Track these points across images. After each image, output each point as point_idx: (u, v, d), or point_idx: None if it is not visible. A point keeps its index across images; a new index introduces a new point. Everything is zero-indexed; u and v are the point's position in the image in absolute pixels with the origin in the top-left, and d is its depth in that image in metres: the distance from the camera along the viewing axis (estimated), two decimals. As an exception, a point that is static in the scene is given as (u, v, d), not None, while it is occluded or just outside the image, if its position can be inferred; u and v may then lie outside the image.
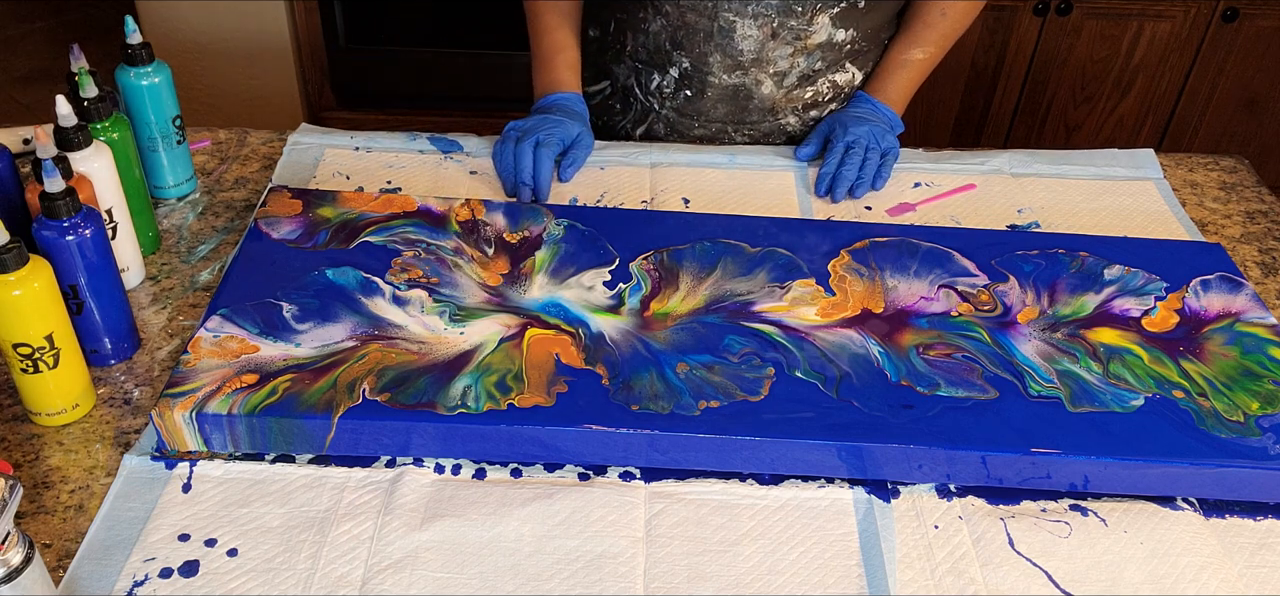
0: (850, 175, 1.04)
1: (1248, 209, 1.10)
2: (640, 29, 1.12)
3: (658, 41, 1.12)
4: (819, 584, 0.68)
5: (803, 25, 1.08)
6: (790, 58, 1.10)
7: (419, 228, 0.92)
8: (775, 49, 1.09)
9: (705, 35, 1.09)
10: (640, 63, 1.15)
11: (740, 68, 1.11)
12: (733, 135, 1.17)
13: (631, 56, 1.15)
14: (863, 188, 1.05)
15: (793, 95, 1.14)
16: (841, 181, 1.04)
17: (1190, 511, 0.74)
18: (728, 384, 0.77)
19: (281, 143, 1.12)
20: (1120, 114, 2.18)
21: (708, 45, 1.09)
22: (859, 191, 1.05)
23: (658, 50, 1.13)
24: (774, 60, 1.10)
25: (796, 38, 1.09)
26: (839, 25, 1.10)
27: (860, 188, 1.05)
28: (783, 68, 1.11)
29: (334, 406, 0.73)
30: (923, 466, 0.74)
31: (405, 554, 0.68)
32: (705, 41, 1.09)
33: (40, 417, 0.76)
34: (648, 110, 1.17)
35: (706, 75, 1.12)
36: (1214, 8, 2.03)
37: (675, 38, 1.10)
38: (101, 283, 0.78)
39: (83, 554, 0.68)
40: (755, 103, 1.14)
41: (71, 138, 0.81)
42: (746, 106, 1.14)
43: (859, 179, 1.04)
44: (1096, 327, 0.86)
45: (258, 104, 2.32)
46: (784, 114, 1.15)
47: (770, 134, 1.17)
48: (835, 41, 1.11)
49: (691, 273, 0.89)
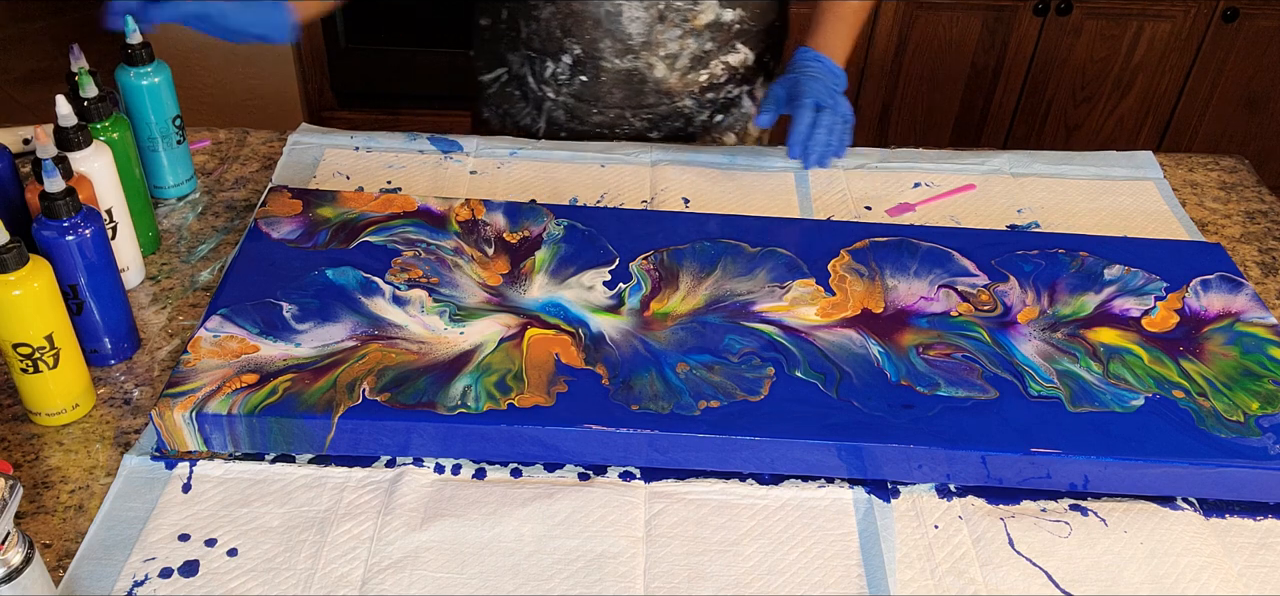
0: (823, 139, 1.03)
1: (1248, 209, 1.10)
2: (532, 17, 1.12)
3: (549, 29, 1.11)
4: (819, 584, 0.68)
5: (688, 6, 1.08)
6: (680, 40, 1.10)
7: (419, 228, 0.92)
8: (664, 31, 1.09)
9: (594, 21, 1.09)
10: (533, 51, 1.14)
11: (631, 51, 1.11)
12: (631, 120, 1.16)
13: (525, 44, 1.14)
14: (830, 156, 1.04)
15: (687, 79, 1.14)
16: (816, 146, 1.03)
17: (1190, 511, 0.74)
18: (728, 384, 0.77)
19: (281, 143, 1.12)
20: (1120, 114, 2.18)
21: (597, 31, 1.09)
22: (827, 161, 1.04)
23: (549, 38, 1.12)
24: (664, 43, 1.10)
25: (684, 19, 1.09)
26: (726, 5, 1.10)
27: (828, 158, 1.04)
28: (673, 50, 1.11)
29: (334, 406, 0.73)
30: (923, 466, 0.74)
31: (405, 554, 0.68)
32: (594, 27, 1.09)
33: (40, 417, 0.76)
34: (543, 98, 1.17)
35: (599, 61, 1.11)
36: (1214, 8, 2.03)
37: (565, 24, 1.10)
38: (101, 282, 0.78)
39: (83, 554, 0.68)
40: (650, 86, 1.13)
41: (71, 138, 0.81)
42: (642, 90, 1.14)
43: (827, 145, 1.04)
44: (1096, 327, 0.86)
45: (258, 104, 2.32)
46: (680, 97, 1.15)
47: (669, 117, 1.17)
48: (723, 22, 1.11)
49: (691, 272, 0.89)
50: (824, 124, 1.04)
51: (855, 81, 2.15)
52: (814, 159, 1.04)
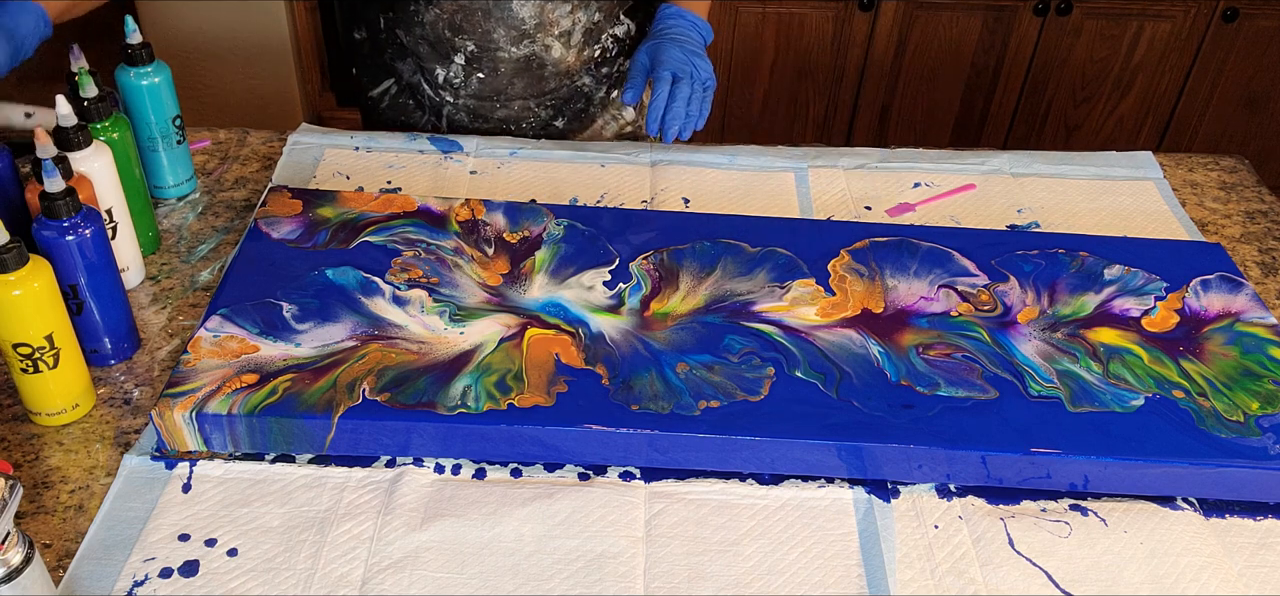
0: (681, 112, 1.03)
1: (1248, 209, 1.10)
2: (414, 22, 1.10)
3: (436, 31, 1.09)
4: (819, 584, 0.68)
5: None
6: (571, 15, 1.09)
7: (419, 228, 0.92)
8: (555, 9, 1.08)
9: (484, 12, 1.07)
10: (422, 57, 1.12)
11: (526, 35, 1.10)
12: (536, 109, 1.15)
13: (411, 51, 1.12)
14: (690, 127, 1.04)
15: (583, 55, 1.13)
16: (674, 119, 1.03)
17: (1190, 511, 0.74)
18: (728, 384, 0.77)
19: (281, 143, 1.12)
20: (1120, 114, 2.18)
21: (489, 22, 1.08)
22: (687, 133, 1.04)
23: (438, 40, 1.10)
24: (556, 21, 1.09)
25: None
26: None
27: (687, 129, 1.04)
28: (566, 27, 1.10)
29: (334, 406, 0.73)
30: (923, 466, 0.74)
31: (405, 554, 0.68)
32: (485, 19, 1.08)
33: (40, 417, 0.76)
34: (442, 104, 1.15)
35: (495, 52, 1.10)
36: (1214, 8, 2.03)
37: (454, 22, 1.08)
38: (101, 282, 0.78)
39: (83, 554, 0.68)
40: (550, 69, 1.13)
41: (71, 138, 0.81)
42: (541, 74, 1.13)
43: (687, 116, 1.03)
44: (1096, 327, 0.86)
45: (258, 104, 2.32)
46: (579, 76, 1.15)
47: (570, 99, 1.16)
48: None
49: (691, 272, 0.89)
50: (681, 96, 1.03)
51: (855, 81, 2.15)
52: (672, 133, 1.03)
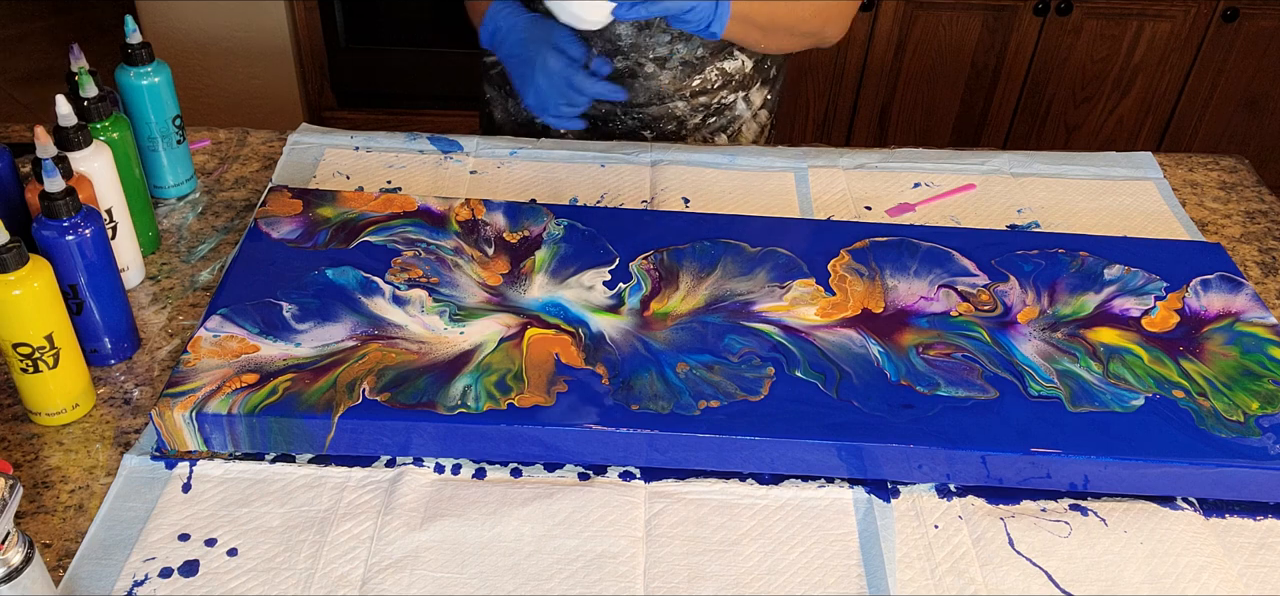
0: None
1: (1248, 209, 1.10)
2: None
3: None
4: (819, 584, 0.68)
5: None
6: (669, 45, 1.10)
7: (419, 227, 0.92)
8: (651, 36, 1.09)
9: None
10: None
11: (620, 52, 1.10)
12: (623, 118, 1.16)
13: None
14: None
15: (681, 83, 1.13)
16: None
17: (1190, 511, 0.74)
18: (728, 384, 0.77)
19: (281, 143, 1.12)
20: (1120, 114, 2.19)
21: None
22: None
23: None
24: (652, 46, 1.10)
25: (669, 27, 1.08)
26: None
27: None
28: (662, 53, 1.10)
29: (334, 406, 0.73)
30: (923, 466, 0.74)
31: (405, 553, 0.68)
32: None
33: (40, 417, 0.76)
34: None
35: None
36: (1214, 8, 2.03)
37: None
38: (101, 282, 0.78)
39: (83, 554, 0.68)
40: (641, 84, 1.13)
41: (71, 137, 0.81)
42: (631, 87, 1.13)
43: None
44: (1096, 327, 0.86)
45: (258, 104, 2.32)
46: (672, 100, 1.15)
47: (660, 119, 1.17)
48: None
49: (691, 272, 0.89)
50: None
51: (855, 81, 2.15)
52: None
